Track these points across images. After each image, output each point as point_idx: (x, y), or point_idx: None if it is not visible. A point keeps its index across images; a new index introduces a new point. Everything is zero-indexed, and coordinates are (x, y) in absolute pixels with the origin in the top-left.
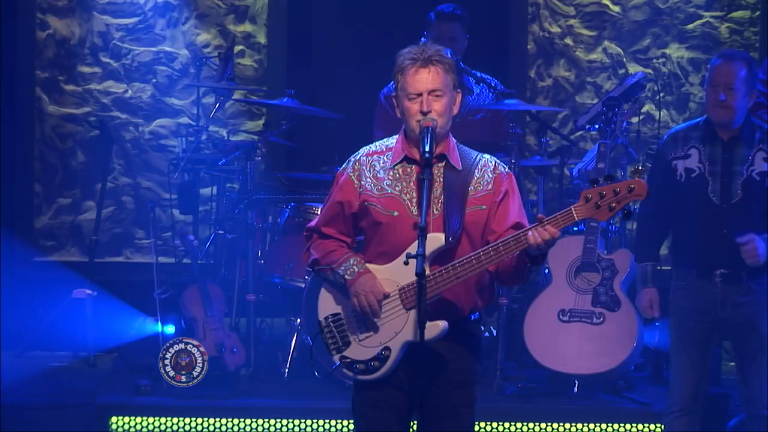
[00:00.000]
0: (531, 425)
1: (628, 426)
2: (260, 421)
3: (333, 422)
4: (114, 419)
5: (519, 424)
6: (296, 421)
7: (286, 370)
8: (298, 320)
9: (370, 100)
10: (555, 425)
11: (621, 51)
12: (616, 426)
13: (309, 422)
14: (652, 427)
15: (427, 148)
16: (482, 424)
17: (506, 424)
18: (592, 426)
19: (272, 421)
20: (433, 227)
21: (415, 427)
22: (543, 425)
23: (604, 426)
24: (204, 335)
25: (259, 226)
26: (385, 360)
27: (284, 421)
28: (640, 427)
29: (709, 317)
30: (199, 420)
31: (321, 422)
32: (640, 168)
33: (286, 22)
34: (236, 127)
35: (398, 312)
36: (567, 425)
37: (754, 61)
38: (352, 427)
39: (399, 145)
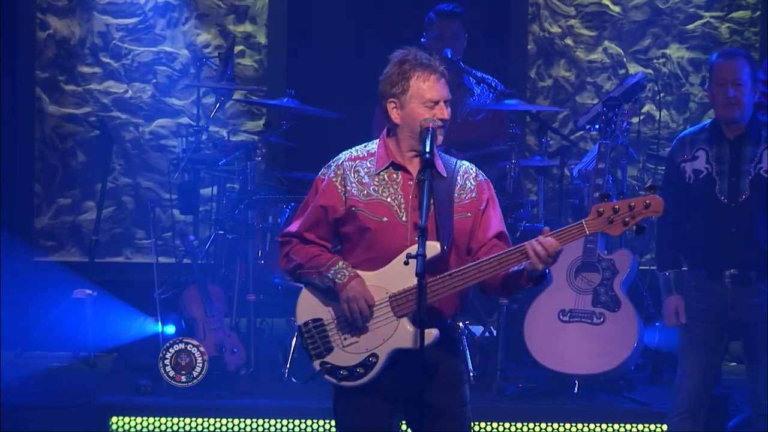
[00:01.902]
0: (531, 425)
1: (628, 426)
2: (260, 421)
3: (333, 422)
4: (114, 419)
5: (519, 424)
6: (296, 421)
7: (286, 370)
8: None
9: (370, 100)
10: (555, 425)
11: (621, 51)
12: (616, 426)
13: (309, 422)
14: (652, 427)
15: (427, 149)
16: (482, 424)
17: (506, 424)
18: (592, 426)
19: (272, 421)
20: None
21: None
22: (543, 425)
23: (604, 426)
24: (204, 335)
25: (260, 226)
26: (372, 367)
27: (284, 421)
28: (640, 427)
29: (719, 318)
30: (199, 420)
31: (321, 422)
32: (655, 184)
33: (286, 22)
34: (236, 127)
35: (388, 319)
36: (567, 425)
37: (752, 57)
38: None
39: (382, 151)
